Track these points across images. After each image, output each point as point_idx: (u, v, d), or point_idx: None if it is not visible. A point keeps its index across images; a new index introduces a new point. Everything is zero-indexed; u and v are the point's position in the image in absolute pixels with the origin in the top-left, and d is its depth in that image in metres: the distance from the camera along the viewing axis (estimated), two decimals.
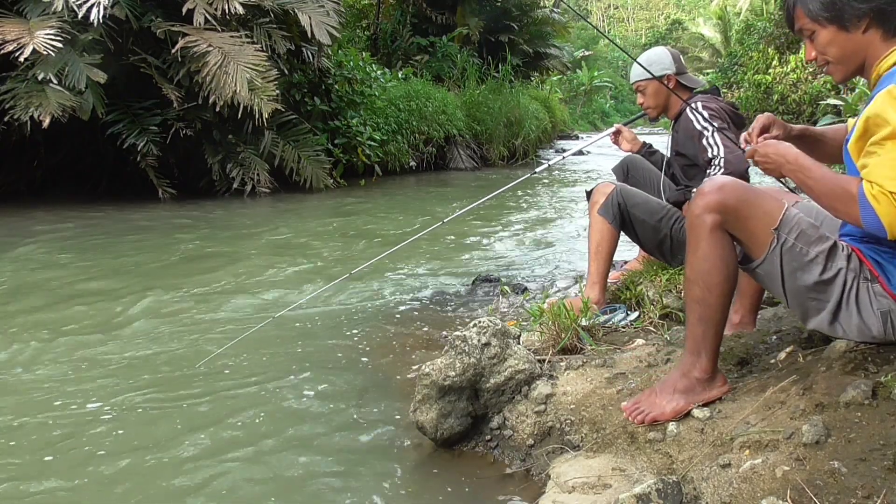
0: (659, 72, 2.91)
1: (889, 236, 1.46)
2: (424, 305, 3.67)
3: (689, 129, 2.78)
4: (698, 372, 1.72)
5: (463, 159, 12.46)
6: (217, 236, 5.70)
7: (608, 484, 1.58)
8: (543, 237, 5.74)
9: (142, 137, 7.12)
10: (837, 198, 1.52)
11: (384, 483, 1.90)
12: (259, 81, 7.00)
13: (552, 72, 20.86)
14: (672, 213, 2.82)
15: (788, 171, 1.63)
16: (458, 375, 2.00)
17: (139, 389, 2.54)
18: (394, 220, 6.74)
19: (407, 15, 15.26)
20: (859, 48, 1.59)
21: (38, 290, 3.93)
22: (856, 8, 1.55)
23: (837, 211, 1.54)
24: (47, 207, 6.92)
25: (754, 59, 14.93)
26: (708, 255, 1.65)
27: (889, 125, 1.44)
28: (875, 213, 1.44)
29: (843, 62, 1.62)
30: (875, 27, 1.56)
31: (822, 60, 1.65)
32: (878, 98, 1.48)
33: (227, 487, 1.88)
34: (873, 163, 1.46)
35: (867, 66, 1.61)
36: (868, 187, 1.45)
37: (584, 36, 40.06)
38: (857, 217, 1.48)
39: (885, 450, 1.31)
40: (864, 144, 1.51)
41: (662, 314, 2.68)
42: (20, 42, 5.94)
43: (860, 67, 1.63)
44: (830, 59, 1.63)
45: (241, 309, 3.57)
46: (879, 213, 1.43)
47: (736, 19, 28.88)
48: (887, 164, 1.43)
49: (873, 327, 1.59)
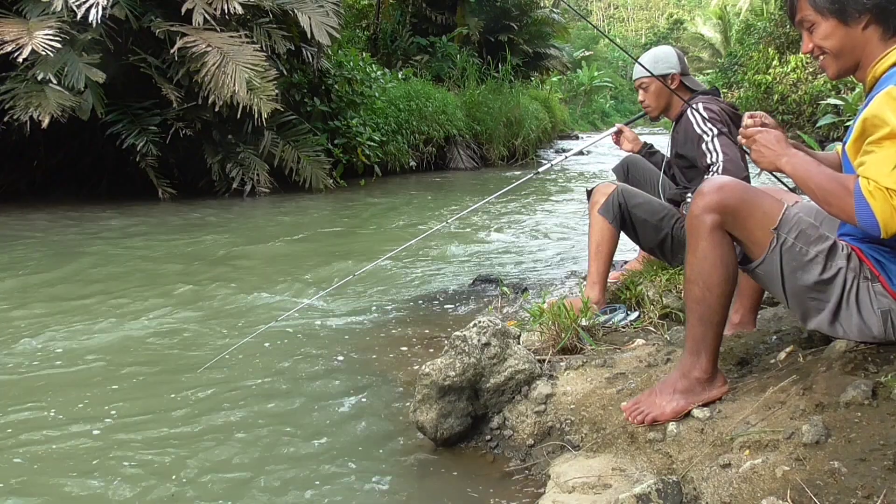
0: (664, 70, 2.91)
1: (882, 234, 1.46)
2: (424, 305, 3.67)
3: (689, 132, 2.78)
4: (698, 372, 1.72)
5: (463, 159, 12.46)
6: (217, 237, 5.69)
7: (608, 484, 1.58)
8: (543, 237, 5.74)
9: (141, 137, 7.12)
10: (833, 192, 1.52)
11: (384, 483, 1.90)
12: (258, 81, 7.00)
13: (552, 72, 20.86)
14: (673, 212, 2.82)
15: (785, 163, 1.63)
16: (458, 375, 2.00)
17: (133, 391, 2.54)
18: (394, 220, 6.73)
19: (407, 15, 15.26)
20: (857, 44, 1.59)
21: (35, 290, 3.93)
22: (859, 3, 1.55)
23: (832, 206, 1.54)
24: (47, 207, 6.92)
25: (754, 59, 14.93)
26: (707, 255, 1.65)
27: (888, 125, 1.44)
28: (870, 209, 1.44)
29: (838, 56, 1.63)
30: (875, 25, 1.57)
31: (817, 52, 1.66)
32: (876, 99, 1.49)
33: (226, 487, 1.88)
34: (870, 160, 1.47)
35: (862, 65, 1.62)
36: (864, 183, 1.46)
37: (584, 36, 40.04)
38: (851, 213, 1.48)
39: (885, 450, 1.31)
40: (861, 145, 1.52)
41: (662, 314, 2.68)
42: (19, 42, 5.94)
43: (855, 65, 1.63)
44: (827, 52, 1.63)
45: (242, 310, 3.57)
46: (874, 209, 1.44)
47: (736, 19, 28.90)
48: (884, 161, 1.44)
49: (874, 327, 1.59)
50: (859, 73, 1.64)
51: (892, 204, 1.43)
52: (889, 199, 1.43)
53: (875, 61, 1.58)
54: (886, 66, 1.55)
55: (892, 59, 1.54)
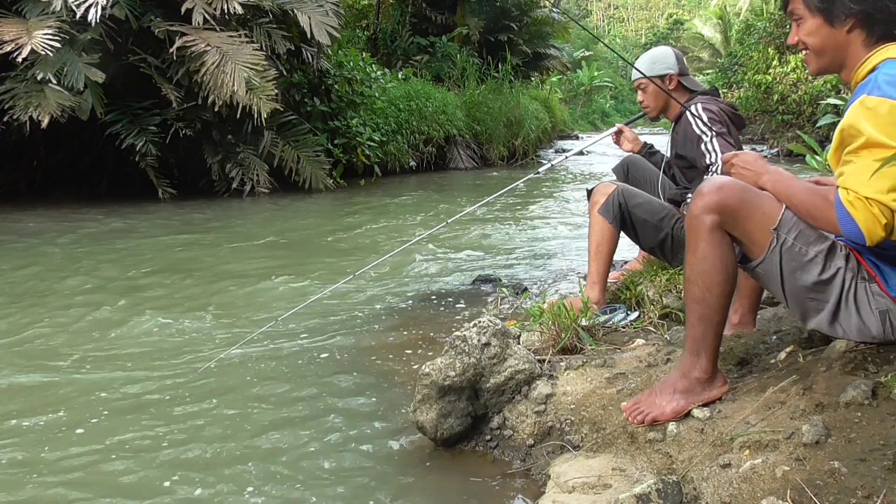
0: (661, 71, 2.91)
1: (868, 242, 1.47)
2: (424, 305, 3.67)
3: (688, 132, 2.78)
4: (698, 372, 1.72)
5: (463, 159, 12.46)
6: (217, 237, 5.70)
7: (608, 484, 1.58)
8: (543, 237, 5.74)
9: (141, 137, 7.12)
10: (815, 206, 1.55)
11: (384, 483, 1.90)
12: (257, 81, 7.00)
13: (552, 72, 20.85)
14: (673, 212, 2.82)
15: (766, 180, 1.66)
16: (458, 375, 2.00)
17: (134, 392, 2.54)
18: (394, 220, 6.73)
19: (406, 15, 15.26)
20: (840, 46, 1.61)
21: (33, 291, 3.92)
22: (847, 6, 1.57)
23: (816, 220, 1.56)
24: (47, 207, 6.92)
25: (754, 59, 14.92)
26: (707, 255, 1.65)
27: (862, 136, 1.46)
28: (853, 219, 1.46)
29: (820, 54, 1.65)
30: (859, 29, 1.59)
31: (801, 46, 1.68)
32: (851, 109, 1.51)
33: (225, 487, 1.88)
34: (848, 170, 1.49)
35: (846, 66, 1.64)
36: (844, 194, 1.48)
37: (584, 36, 40.00)
38: (835, 224, 1.50)
39: (885, 450, 1.31)
40: (841, 155, 1.54)
41: (662, 314, 2.68)
42: (18, 42, 5.94)
43: (838, 65, 1.65)
44: (809, 48, 1.65)
45: (241, 310, 3.57)
46: (856, 219, 1.46)
47: (736, 19, 28.89)
48: (862, 170, 1.45)
49: (872, 327, 1.60)
50: (844, 74, 1.67)
51: (872, 213, 1.44)
52: (869, 208, 1.44)
53: (858, 65, 1.60)
54: (866, 71, 1.57)
55: (872, 63, 1.57)
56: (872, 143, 1.44)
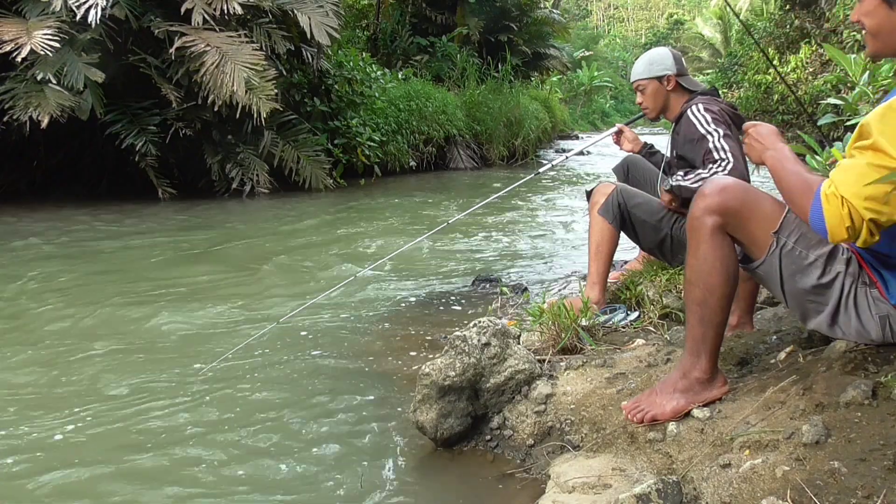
0: (659, 72, 2.91)
1: (829, 239, 1.45)
2: (424, 305, 3.67)
3: (690, 132, 2.77)
4: (698, 372, 1.72)
5: (463, 159, 12.45)
6: (217, 237, 5.69)
7: (608, 484, 1.58)
8: (543, 237, 5.74)
9: (140, 137, 7.11)
10: (798, 189, 1.52)
11: (384, 483, 1.90)
12: (257, 81, 7.00)
13: (552, 72, 20.84)
14: (673, 212, 2.82)
15: (768, 156, 1.63)
16: (458, 375, 2.00)
17: (134, 392, 2.54)
18: (394, 220, 6.73)
19: (406, 15, 15.25)
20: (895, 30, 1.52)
21: (31, 291, 3.92)
22: None
23: (794, 204, 1.54)
24: (47, 207, 6.92)
25: (754, 59, 14.90)
26: (708, 256, 1.65)
27: (871, 138, 1.42)
28: (822, 212, 1.44)
29: (875, 36, 1.56)
30: None
31: (860, 25, 1.59)
32: (880, 107, 1.45)
33: (225, 487, 1.88)
34: (843, 164, 1.46)
35: None
36: (825, 185, 1.45)
37: (583, 36, 40.03)
38: (806, 212, 1.48)
39: (885, 450, 1.31)
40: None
41: (662, 314, 2.68)
42: (18, 42, 5.94)
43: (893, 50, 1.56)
44: (866, 28, 1.56)
45: (242, 311, 3.56)
46: (825, 213, 1.43)
47: (736, 19, 28.87)
48: (853, 170, 1.42)
49: (872, 331, 1.59)
50: None
51: (842, 213, 1.42)
52: (841, 208, 1.42)
53: None
54: None
55: None
56: (877, 147, 1.41)
